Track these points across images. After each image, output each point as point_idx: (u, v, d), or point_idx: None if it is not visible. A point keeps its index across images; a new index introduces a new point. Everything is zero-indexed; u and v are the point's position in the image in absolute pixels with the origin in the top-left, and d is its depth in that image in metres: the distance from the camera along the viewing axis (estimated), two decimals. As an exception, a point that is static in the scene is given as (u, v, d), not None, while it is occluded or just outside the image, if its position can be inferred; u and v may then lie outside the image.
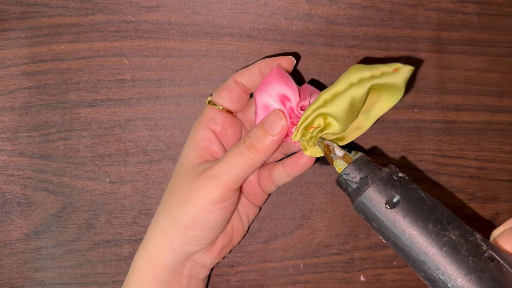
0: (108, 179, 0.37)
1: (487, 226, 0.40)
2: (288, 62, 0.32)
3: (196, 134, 0.33)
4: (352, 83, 0.27)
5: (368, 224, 0.28)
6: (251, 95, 0.35)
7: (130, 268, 0.33)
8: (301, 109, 0.30)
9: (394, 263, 0.39)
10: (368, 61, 0.38)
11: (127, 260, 0.37)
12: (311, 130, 0.29)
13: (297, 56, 0.37)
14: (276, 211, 0.38)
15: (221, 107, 0.33)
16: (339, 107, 0.28)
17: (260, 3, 0.36)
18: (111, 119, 0.37)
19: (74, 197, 0.37)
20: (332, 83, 0.28)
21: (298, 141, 0.30)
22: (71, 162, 0.37)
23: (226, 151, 0.33)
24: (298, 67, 0.37)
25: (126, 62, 0.36)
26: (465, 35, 0.38)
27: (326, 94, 0.28)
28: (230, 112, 0.34)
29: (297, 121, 0.30)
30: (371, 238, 0.39)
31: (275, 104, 0.31)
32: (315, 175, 0.38)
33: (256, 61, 0.33)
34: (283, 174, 0.33)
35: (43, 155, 0.36)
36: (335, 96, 0.28)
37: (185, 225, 0.31)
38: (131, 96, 0.37)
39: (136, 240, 0.37)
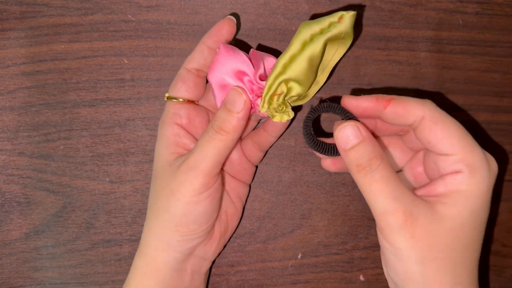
0: (107, 179, 0.37)
1: (487, 226, 0.40)
2: (229, 27, 0.31)
3: (164, 133, 0.32)
4: (306, 41, 0.28)
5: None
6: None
7: (130, 271, 0.33)
8: (260, 79, 0.30)
9: (394, 263, 0.39)
10: (314, 17, 0.37)
11: (127, 260, 0.37)
12: (276, 97, 0.29)
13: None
14: (276, 211, 0.38)
15: (181, 99, 0.32)
16: (298, 69, 0.28)
17: (259, 2, 0.36)
18: (110, 119, 0.37)
19: (74, 197, 0.37)
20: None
21: (266, 111, 0.30)
22: (71, 162, 0.37)
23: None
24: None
25: (126, 61, 0.36)
26: (465, 35, 0.38)
27: (284, 59, 0.28)
28: (191, 101, 0.33)
29: (260, 93, 0.30)
30: (371, 238, 0.39)
31: (232, 82, 0.30)
32: (315, 175, 0.38)
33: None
34: (266, 137, 0.34)
35: (43, 155, 0.36)
36: (292, 59, 0.28)
37: (177, 223, 0.31)
38: (131, 96, 0.37)
39: (136, 240, 0.37)
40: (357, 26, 0.37)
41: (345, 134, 0.27)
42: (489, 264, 0.40)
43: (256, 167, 0.37)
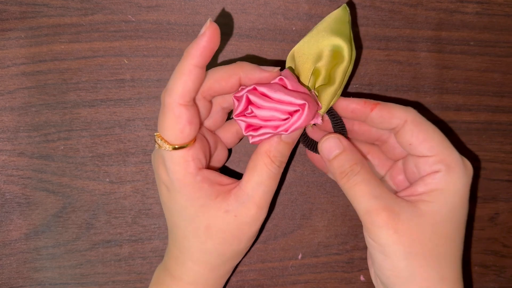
0: (108, 179, 0.37)
1: (487, 226, 0.40)
2: (212, 36, 0.27)
3: (187, 193, 0.29)
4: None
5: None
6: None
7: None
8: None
9: (394, 263, 0.39)
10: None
11: (127, 260, 0.37)
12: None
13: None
14: (276, 211, 0.38)
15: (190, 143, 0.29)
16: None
17: (259, 3, 0.36)
18: (111, 119, 0.37)
19: (74, 197, 0.37)
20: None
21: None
22: (71, 162, 0.37)
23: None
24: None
25: (126, 62, 0.36)
26: (465, 35, 0.38)
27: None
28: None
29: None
30: (371, 238, 0.39)
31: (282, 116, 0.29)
32: (315, 175, 0.38)
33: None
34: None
35: (43, 155, 0.36)
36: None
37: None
38: (131, 96, 0.37)
39: (136, 240, 0.37)
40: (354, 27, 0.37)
41: (328, 146, 0.30)
42: (489, 264, 0.40)
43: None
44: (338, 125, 0.31)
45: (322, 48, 0.30)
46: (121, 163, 0.37)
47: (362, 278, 0.39)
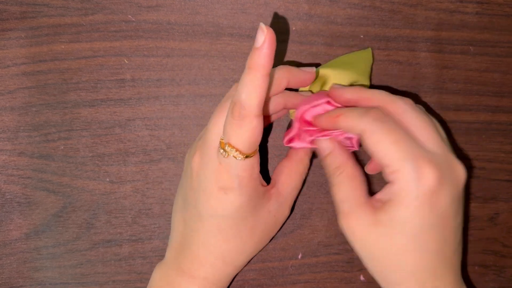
0: (108, 179, 0.37)
1: (487, 226, 0.40)
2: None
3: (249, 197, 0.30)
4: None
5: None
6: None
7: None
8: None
9: (394, 263, 0.39)
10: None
11: (127, 260, 0.37)
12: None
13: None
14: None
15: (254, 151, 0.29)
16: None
17: (260, 3, 0.36)
18: (111, 119, 0.37)
19: (74, 197, 0.37)
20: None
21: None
22: (71, 162, 0.37)
23: None
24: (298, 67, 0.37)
25: (126, 62, 0.36)
26: (465, 35, 0.38)
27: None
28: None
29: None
30: (371, 238, 0.39)
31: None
32: (315, 175, 0.38)
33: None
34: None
35: (43, 155, 0.36)
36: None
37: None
38: (131, 96, 0.37)
39: (136, 240, 0.37)
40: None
41: (321, 146, 0.32)
42: (489, 264, 0.40)
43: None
44: None
45: (344, 78, 0.34)
46: (121, 163, 0.37)
47: (362, 277, 0.39)
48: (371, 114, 0.29)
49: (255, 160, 0.30)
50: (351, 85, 0.33)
